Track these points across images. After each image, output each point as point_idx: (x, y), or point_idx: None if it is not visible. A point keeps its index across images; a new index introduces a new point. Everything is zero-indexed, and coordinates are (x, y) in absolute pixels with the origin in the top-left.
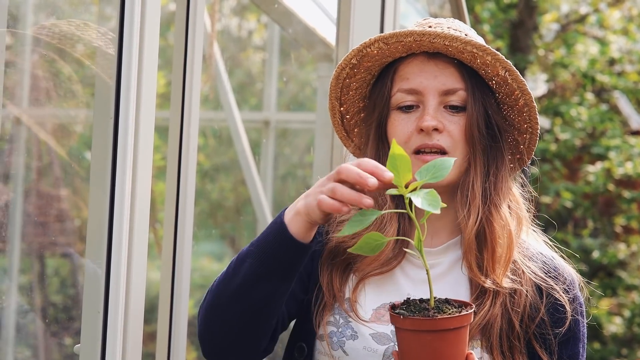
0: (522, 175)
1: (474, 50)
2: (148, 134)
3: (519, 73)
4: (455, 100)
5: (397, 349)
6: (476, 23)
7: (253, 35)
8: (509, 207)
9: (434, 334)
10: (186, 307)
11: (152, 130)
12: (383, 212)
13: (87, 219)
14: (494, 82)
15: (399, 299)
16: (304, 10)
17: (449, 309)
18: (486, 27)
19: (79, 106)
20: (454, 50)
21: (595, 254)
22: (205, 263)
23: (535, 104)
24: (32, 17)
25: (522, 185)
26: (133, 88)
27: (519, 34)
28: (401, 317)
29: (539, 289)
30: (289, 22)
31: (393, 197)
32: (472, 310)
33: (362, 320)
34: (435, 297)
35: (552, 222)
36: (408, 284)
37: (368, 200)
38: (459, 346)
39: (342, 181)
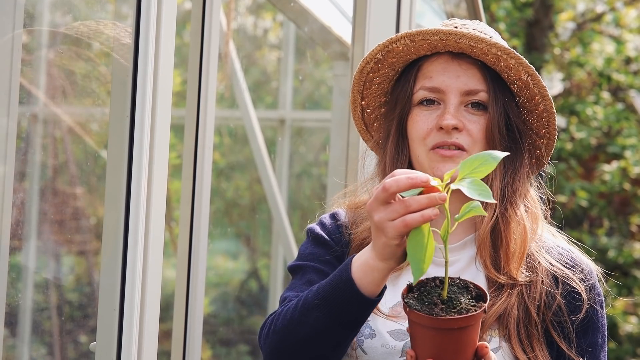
0: (539, 178)
1: (498, 53)
2: (164, 133)
3: (540, 78)
4: (476, 99)
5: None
6: (492, 21)
7: (269, 34)
8: (525, 206)
9: (437, 330)
10: (201, 306)
11: (168, 129)
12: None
13: (103, 217)
14: (515, 85)
15: None
16: (320, 8)
17: (459, 305)
18: (502, 26)
19: (96, 104)
20: (479, 52)
21: (611, 253)
22: (220, 261)
23: (554, 110)
24: (49, 16)
25: (537, 188)
26: (149, 86)
27: (534, 33)
28: (408, 307)
29: (554, 277)
30: (305, 21)
31: None
32: (482, 310)
33: (382, 314)
34: (454, 280)
35: (567, 220)
36: None
37: (441, 195)
38: (465, 343)
39: (394, 195)
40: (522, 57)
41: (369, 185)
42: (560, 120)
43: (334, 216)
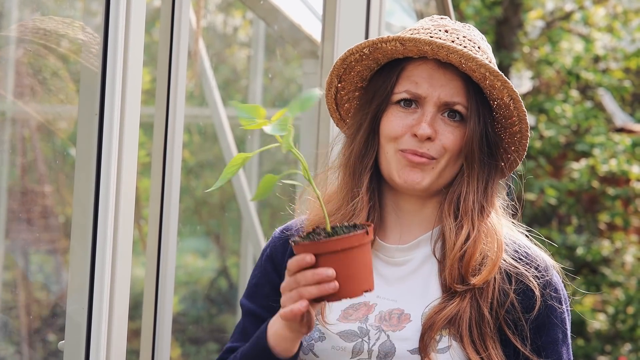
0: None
1: (487, 74)
2: (133, 131)
3: (522, 103)
4: (455, 108)
5: (365, 342)
6: (461, 19)
7: (238, 32)
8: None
9: (324, 256)
10: (171, 304)
11: (137, 127)
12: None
13: (72, 216)
14: (495, 103)
15: (369, 298)
16: (290, 6)
17: (342, 233)
18: (471, 24)
19: (64, 102)
20: (467, 68)
21: (580, 251)
22: (190, 260)
23: (529, 134)
24: (17, 13)
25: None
26: (118, 84)
27: (503, 31)
28: (294, 244)
29: (508, 275)
30: (275, 19)
31: (368, 186)
32: (363, 231)
33: (327, 322)
34: (343, 224)
35: (536, 218)
36: (379, 282)
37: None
38: (356, 266)
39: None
40: (508, 80)
41: (331, 174)
42: (529, 119)
43: (284, 230)
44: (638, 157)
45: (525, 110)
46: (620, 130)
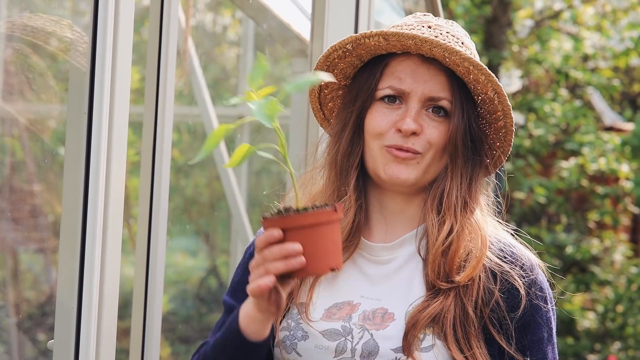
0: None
1: (470, 67)
2: (122, 130)
3: (507, 97)
4: (439, 104)
5: (349, 341)
6: (450, 18)
7: (228, 31)
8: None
9: (292, 231)
10: (160, 303)
11: (126, 126)
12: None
13: (61, 215)
14: (479, 97)
15: (353, 297)
16: (279, 5)
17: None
18: (460, 23)
19: (53, 101)
20: (451, 62)
21: (569, 250)
22: (179, 259)
23: (514, 129)
24: (5, 12)
25: (487, 182)
26: (107, 83)
27: (493, 30)
28: (264, 219)
29: (493, 273)
30: (264, 18)
31: (355, 185)
32: (332, 208)
33: (311, 320)
34: (317, 205)
35: (525, 217)
36: (364, 282)
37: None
38: (323, 243)
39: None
40: (492, 74)
41: (317, 173)
42: (518, 117)
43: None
44: (627, 156)
45: (509, 104)
46: (610, 129)
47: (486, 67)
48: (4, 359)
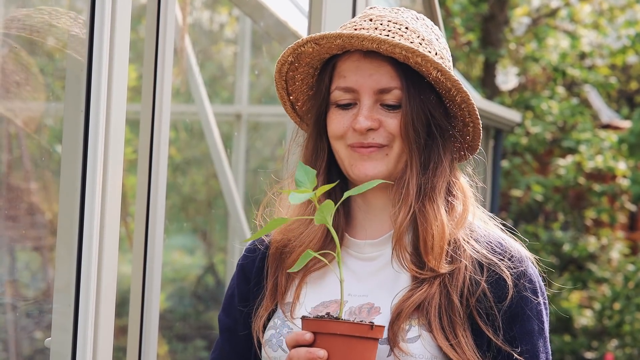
0: (476, 163)
1: (404, 52)
2: (119, 128)
3: (451, 73)
4: (390, 99)
5: None
6: (447, 16)
7: (225, 29)
8: (453, 194)
9: (324, 336)
10: (157, 301)
11: (123, 124)
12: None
13: (58, 213)
14: (430, 78)
15: (339, 296)
16: (276, 3)
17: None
18: (457, 21)
19: (50, 99)
20: (385, 52)
21: (566, 247)
22: (176, 257)
23: (472, 101)
24: (2, 9)
25: (472, 175)
26: (104, 81)
27: (490, 28)
28: (303, 318)
29: (479, 264)
30: (261, 15)
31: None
32: (369, 324)
33: (295, 318)
34: (365, 321)
35: (522, 215)
36: (351, 279)
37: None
38: (349, 355)
39: None
40: (428, 55)
41: (290, 182)
42: (515, 115)
43: (257, 243)
44: (624, 154)
45: (457, 79)
46: (606, 126)
47: (420, 50)
48: (2, 357)
